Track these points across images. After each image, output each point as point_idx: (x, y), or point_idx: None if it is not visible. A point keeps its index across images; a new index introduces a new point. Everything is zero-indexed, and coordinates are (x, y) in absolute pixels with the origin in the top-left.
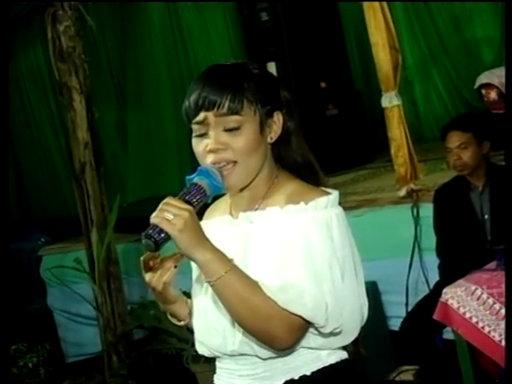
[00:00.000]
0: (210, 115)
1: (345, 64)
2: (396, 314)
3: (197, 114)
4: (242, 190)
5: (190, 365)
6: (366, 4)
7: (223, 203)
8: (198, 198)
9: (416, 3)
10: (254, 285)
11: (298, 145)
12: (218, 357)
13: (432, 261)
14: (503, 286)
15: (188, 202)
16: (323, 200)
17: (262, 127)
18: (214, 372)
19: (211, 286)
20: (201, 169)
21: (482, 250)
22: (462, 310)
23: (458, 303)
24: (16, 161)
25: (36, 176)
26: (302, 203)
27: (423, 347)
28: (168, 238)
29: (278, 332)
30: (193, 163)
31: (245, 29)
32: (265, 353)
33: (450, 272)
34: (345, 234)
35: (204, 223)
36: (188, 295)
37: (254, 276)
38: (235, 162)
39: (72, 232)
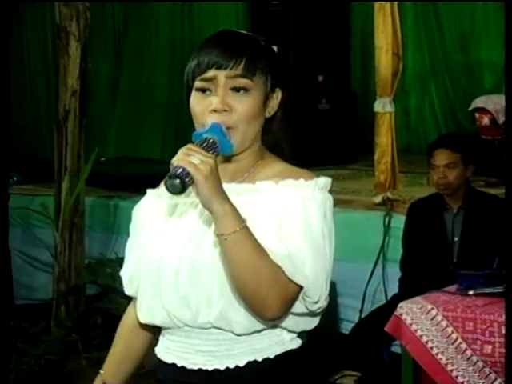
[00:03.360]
0: (221, 75)
1: (346, 62)
2: (349, 318)
3: (205, 72)
4: (229, 159)
5: None
6: (377, 6)
7: None
8: (212, 151)
9: (427, 16)
10: (262, 248)
11: (277, 127)
12: (170, 328)
13: (394, 272)
14: (459, 310)
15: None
16: (322, 181)
17: (266, 99)
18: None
19: (224, 239)
20: (214, 125)
21: (446, 271)
22: (414, 327)
23: (412, 319)
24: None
25: (19, 114)
26: (301, 179)
27: (369, 356)
28: (191, 183)
29: (274, 299)
30: (177, 131)
31: (253, 8)
32: (242, 328)
33: (410, 287)
34: (332, 220)
35: None
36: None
37: None
38: (234, 129)
39: (44, 176)
